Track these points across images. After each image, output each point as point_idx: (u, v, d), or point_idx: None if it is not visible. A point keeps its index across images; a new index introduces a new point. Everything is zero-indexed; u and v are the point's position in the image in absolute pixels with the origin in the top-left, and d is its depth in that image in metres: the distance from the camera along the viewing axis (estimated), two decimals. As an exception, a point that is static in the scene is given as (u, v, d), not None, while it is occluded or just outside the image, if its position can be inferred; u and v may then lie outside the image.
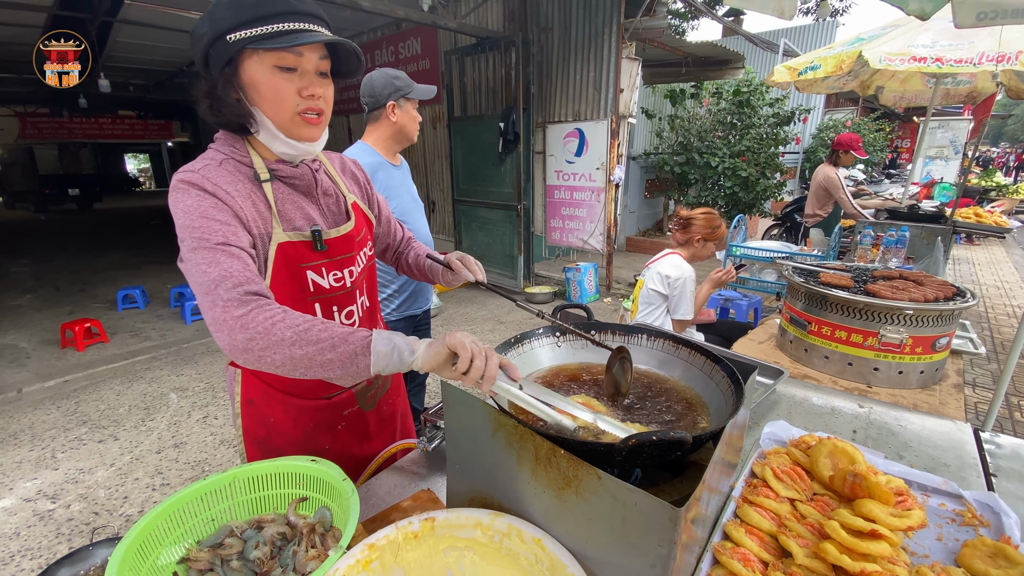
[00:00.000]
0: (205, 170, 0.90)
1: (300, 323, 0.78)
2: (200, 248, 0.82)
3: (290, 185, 1.01)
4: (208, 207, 0.86)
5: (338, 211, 1.10)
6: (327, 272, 1.02)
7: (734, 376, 0.85)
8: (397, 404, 1.36)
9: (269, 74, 0.88)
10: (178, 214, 0.86)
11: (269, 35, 0.85)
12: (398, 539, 0.74)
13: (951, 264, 7.24)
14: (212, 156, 0.94)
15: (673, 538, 0.59)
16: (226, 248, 0.83)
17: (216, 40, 0.86)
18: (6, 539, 2.41)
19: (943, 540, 0.90)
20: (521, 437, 0.73)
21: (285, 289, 0.97)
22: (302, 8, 0.88)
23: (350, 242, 1.07)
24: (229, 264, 0.81)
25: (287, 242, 0.96)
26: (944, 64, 3.42)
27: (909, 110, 10.07)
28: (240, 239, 0.86)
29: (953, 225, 3.74)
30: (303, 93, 0.91)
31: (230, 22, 0.84)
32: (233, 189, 0.91)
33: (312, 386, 1.10)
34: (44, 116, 15.82)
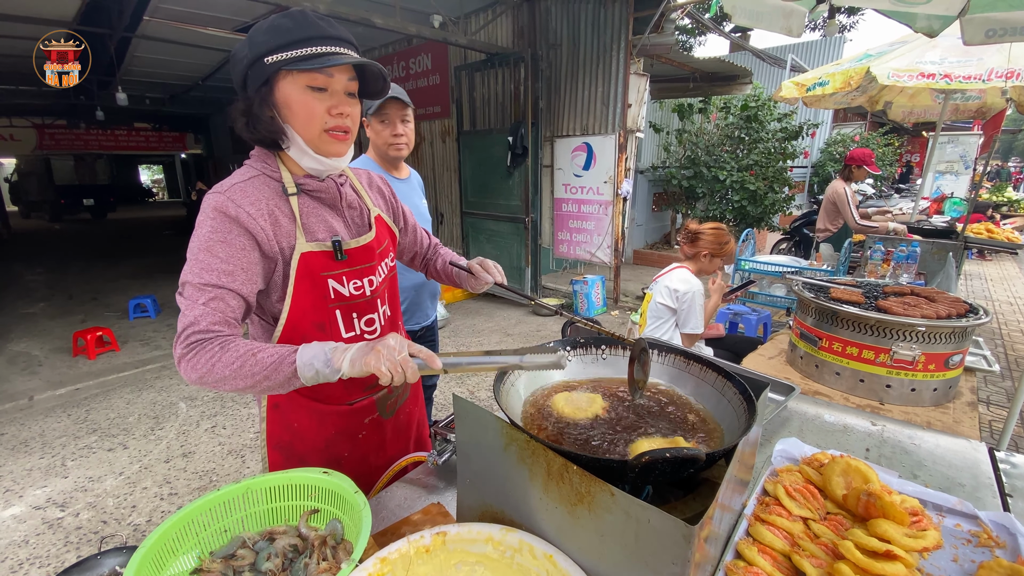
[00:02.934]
0: (232, 190, 0.97)
1: (234, 360, 0.86)
2: (189, 283, 0.92)
3: (316, 198, 1.07)
4: (218, 240, 0.93)
5: (361, 223, 1.16)
6: (348, 281, 1.08)
7: (746, 393, 0.85)
8: (414, 414, 1.39)
9: (301, 93, 0.96)
10: (194, 236, 0.95)
11: (302, 57, 0.92)
12: (410, 553, 0.74)
13: (963, 280, 7.16)
14: (245, 172, 1.03)
15: (687, 556, 0.59)
16: (206, 291, 0.91)
17: (255, 62, 0.94)
18: (15, 547, 2.42)
19: (959, 561, 0.89)
20: (533, 452, 0.73)
21: (308, 296, 1.03)
22: (333, 33, 0.96)
23: (370, 252, 1.12)
24: (199, 312, 0.90)
25: (309, 252, 1.02)
26: (953, 80, 3.43)
27: (918, 125, 10.05)
28: (233, 275, 0.93)
29: (965, 240, 3.71)
30: (332, 111, 0.98)
31: (268, 45, 0.93)
32: (255, 209, 0.97)
33: (334, 393, 1.13)
34: (61, 128, 16.14)
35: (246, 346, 0.88)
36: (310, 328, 1.06)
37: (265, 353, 0.87)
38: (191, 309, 0.90)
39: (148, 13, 5.94)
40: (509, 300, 6.58)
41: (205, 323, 0.89)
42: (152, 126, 18.26)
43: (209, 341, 0.88)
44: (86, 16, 6.20)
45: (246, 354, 0.86)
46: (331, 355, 0.86)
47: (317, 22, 0.95)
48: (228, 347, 0.87)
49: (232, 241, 0.94)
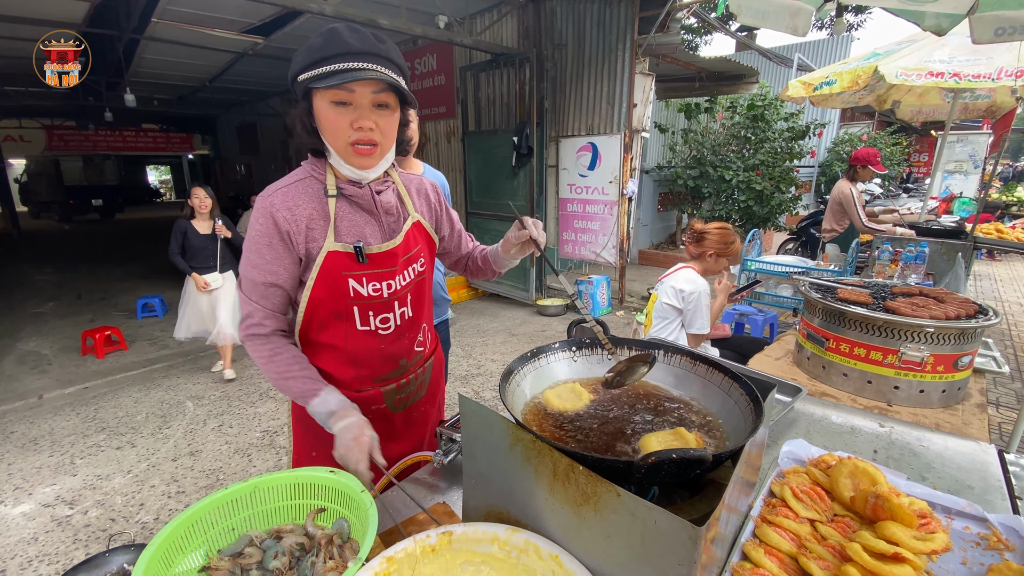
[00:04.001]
0: (276, 195, 1.09)
1: (275, 373, 1.11)
2: (244, 278, 1.11)
3: (353, 203, 1.14)
4: (264, 243, 1.08)
5: (396, 228, 1.21)
6: (367, 282, 1.14)
7: (753, 394, 0.85)
8: (430, 414, 1.42)
9: (328, 108, 1.03)
10: (248, 233, 1.11)
11: (325, 75, 0.98)
12: (416, 552, 0.74)
13: (972, 280, 7.10)
14: (297, 172, 1.14)
15: (693, 557, 0.59)
16: (258, 287, 1.10)
17: (293, 80, 1.03)
18: (24, 544, 2.45)
19: (967, 564, 0.88)
20: (539, 452, 0.73)
21: (328, 290, 1.12)
22: (357, 48, 1.00)
23: (393, 258, 1.17)
24: (253, 307, 1.11)
25: (334, 251, 1.11)
26: (962, 79, 3.40)
27: (927, 124, 9.97)
28: (276, 274, 1.10)
29: (974, 241, 3.68)
30: (353, 125, 1.03)
31: (302, 64, 1.01)
32: (291, 215, 1.09)
33: (344, 378, 1.21)
34: (70, 129, 16.30)
35: (287, 364, 1.10)
36: (328, 316, 1.16)
37: (295, 383, 1.10)
38: (247, 303, 1.11)
39: (156, 15, 5.99)
40: (514, 300, 6.58)
41: (259, 316, 1.10)
42: (160, 127, 18.42)
43: (264, 340, 1.11)
44: (95, 18, 6.25)
45: (283, 374, 1.10)
46: (329, 421, 1.08)
47: (346, 39, 0.99)
48: (275, 358, 1.10)
49: (275, 244, 1.08)
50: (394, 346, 1.23)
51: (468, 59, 6.66)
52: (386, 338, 1.21)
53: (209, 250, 4.16)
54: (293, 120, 1.09)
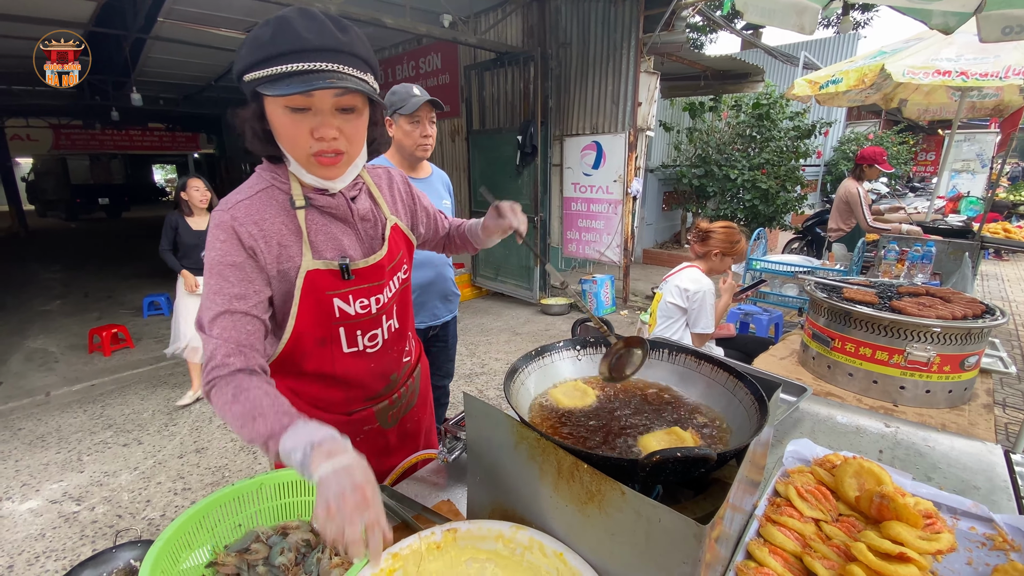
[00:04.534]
0: (237, 208, 0.94)
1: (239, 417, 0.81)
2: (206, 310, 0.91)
3: (325, 212, 1.01)
4: (227, 263, 0.92)
5: (375, 236, 1.10)
6: (354, 299, 1.03)
7: (758, 393, 0.85)
8: (423, 420, 1.36)
9: (281, 115, 0.88)
10: (206, 256, 0.95)
11: (275, 77, 0.83)
12: (421, 549, 0.75)
13: (979, 280, 7.05)
14: (254, 183, 0.99)
15: (697, 556, 0.59)
16: (221, 319, 0.90)
17: (239, 79, 0.88)
18: (32, 540, 2.47)
19: (973, 564, 0.88)
20: (544, 450, 0.74)
21: (311, 314, 1.00)
22: (316, 44, 0.83)
23: (380, 271, 1.07)
24: (213, 345, 0.88)
25: (315, 270, 0.98)
26: (969, 78, 3.38)
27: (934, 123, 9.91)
28: (245, 298, 0.92)
29: (981, 240, 3.65)
30: (314, 134, 0.89)
31: (247, 61, 0.85)
32: (257, 230, 0.94)
33: (335, 400, 1.12)
34: (77, 128, 16.37)
35: (253, 402, 0.82)
36: (312, 344, 1.04)
37: (261, 424, 0.79)
38: (207, 342, 0.89)
39: (162, 15, 6.02)
40: (517, 299, 6.58)
41: (220, 356, 0.87)
42: (166, 126, 18.49)
43: (224, 382, 0.85)
44: (101, 18, 6.29)
45: (248, 415, 0.81)
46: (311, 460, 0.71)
47: (299, 32, 0.83)
48: (239, 398, 0.83)
49: (241, 264, 0.92)
50: (383, 362, 1.15)
51: (473, 58, 6.67)
52: (374, 355, 1.12)
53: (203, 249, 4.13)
54: (242, 123, 0.94)
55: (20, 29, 6.35)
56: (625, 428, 0.89)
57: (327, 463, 0.70)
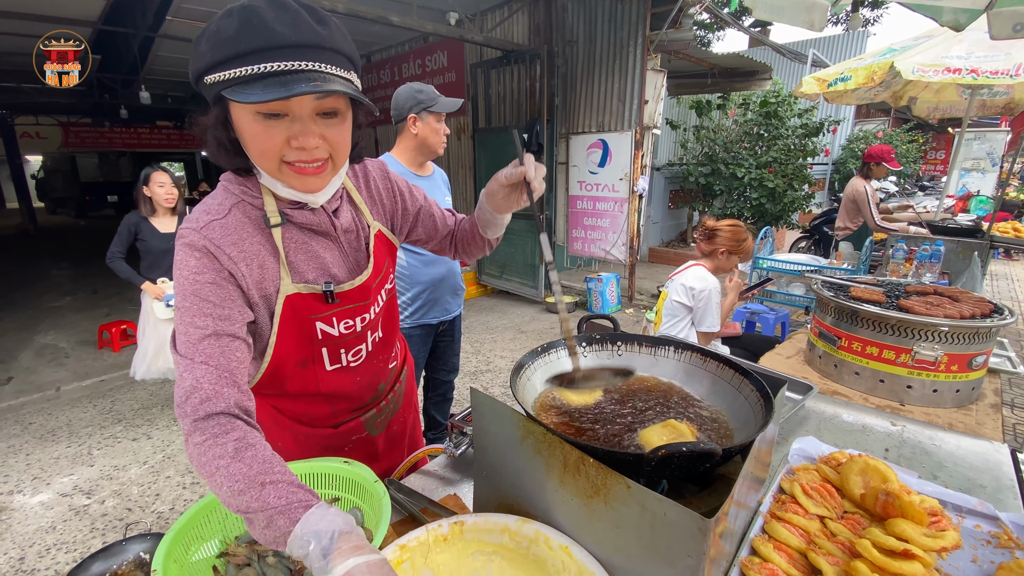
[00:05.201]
0: (210, 228, 0.83)
1: (237, 481, 0.67)
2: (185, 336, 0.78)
3: (304, 228, 0.92)
4: (205, 281, 0.80)
5: (358, 248, 1.01)
6: (338, 321, 0.96)
7: (763, 390, 0.85)
8: (407, 420, 1.33)
9: (252, 122, 0.76)
10: (176, 279, 0.82)
11: (244, 79, 0.71)
12: (428, 541, 0.76)
13: (989, 280, 6.99)
14: (222, 200, 0.87)
15: (702, 549, 0.60)
16: (206, 343, 0.77)
17: (197, 80, 0.76)
18: (43, 532, 2.51)
19: (978, 562, 0.88)
20: (550, 445, 0.74)
21: (292, 339, 0.93)
22: (291, 39, 0.72)
23: (366, 291, 0.99)
24: (200, 372, 0.74)
25: (296, 294, 0.90)
26: (980, 75, 3.35)
27: (943, 121, 9.82)
28: (231, 319, 0.81)
29: (990, 240, 3.62)
30: (293, 143, 0.78)
31: (207, 60, 0.72)
32: (238, 251, 0.84)
33: (320, 415, 1.08)
34: (86, 126, 16.51)
35: (260, 465, 0.68)
36: (293, 368, 0.97)
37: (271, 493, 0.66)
38: (189, 370, 0.74)
39: (171, 13, 6.06)
40: (522, 297, 6.58)
41: (208, 384, 0.73)
42: (173, 124, 18.61)
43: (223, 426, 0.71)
44: (110, 16, 6.34)
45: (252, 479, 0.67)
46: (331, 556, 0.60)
47: (270, 24, 0.71)
48: (243, 455, 0.69)
49: (221, 283, 0.81)
50: (368, 373, 1.09)
51: (479, 56, 6.67)
52: (359, 368, 1.05)
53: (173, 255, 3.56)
54: (202, 132, 0.82)
55: (30, 27, 6.40)
56: (633, 424, 0.90)
57: (356, 557, 0.59)
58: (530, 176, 0.95)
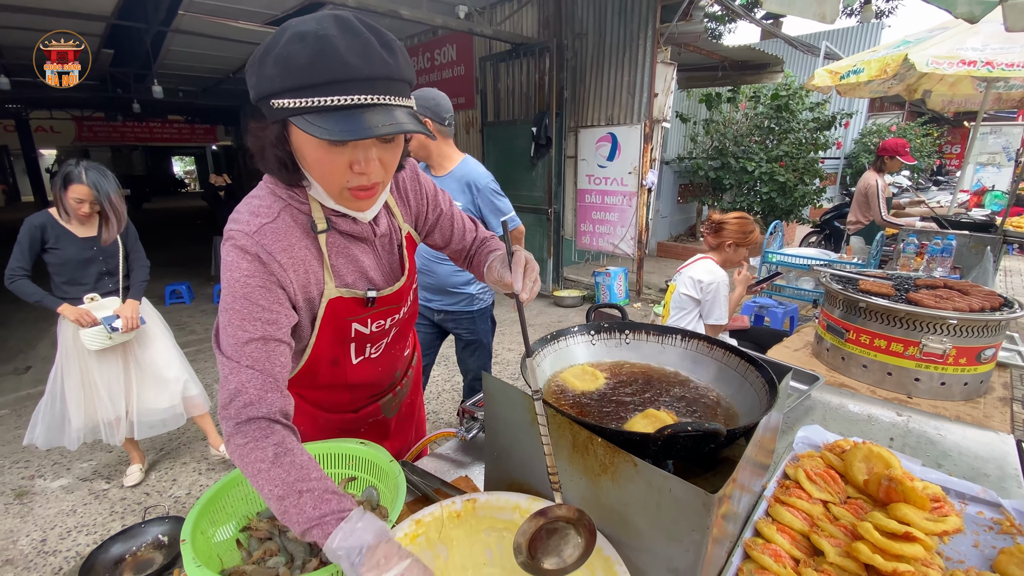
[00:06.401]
0: (261, 233, 0.84)
1: (276, 486, 0.70)
2: (232, 338, 0.80)
3: (344, 234, 0.96)
4: (256, 284, 0.82)
5: (391, 252, 1.05)
6: (371, 322, 1.02)
7: (768, 376, 0.87)
8: (415, 402, 1.40)
9: (316, 148, 0.78)
10: (225, 280, 0.83)
11: (316, 110, 0.72)
12: (442, 517, 0.79)
13: (1001, 275, 6.89)
14: (271, 203, 0.88)
15: (707, 524, 0.62)
16: (252, 346, 0.79)
17: (260, 100, 0.77)
18: (64, 515, 2.58)
19: (979, 547, 0.90)
20: (559, 426, 0.77)
21: (329, 339, 0.98)
22: (364, 72, 0.72)
23: (402, 295, 1.05)
24: (246, 377, 0.77)
25: (338, 298, 0.94)
26: (995, 68, 3.31)
27: (959, 114, 9.68)
28: (278, 323, 0.83)
29: (1003, 235, 3.59)
30: (355, 168, 0.80)
31: (276, 85, 0.73)
32: (288, 258, 0.86)
33: (340, 401, 1.13)
34: (99, 120, 16.69)
35: (298, 472, 0.71)
36: (325, 365, 1.02)
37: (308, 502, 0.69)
38: (235, 373, 0.77)
39: (183, 7, 6.11)
40: (531, 291, 6.60)
41: (254, 389, 0.76)
42: (185, 119, 18.77)
43: (262, 432, 0.74)
44: (122, 11, 6.41)
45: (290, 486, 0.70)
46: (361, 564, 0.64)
47: (344, 56, 0.71)
48: (282, 460, 0.72)
49: (270, 287, 0.83)
50: (387, 362, 1.15)
51: (488, 49, 6.67)
52: (379, 359, 1.11)
53: (99, 264, 2.58)
54: (259, 146, 0.84)
55: (43, 22, 6.48)
56: (637, 409, 0.92)
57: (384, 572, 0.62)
58: (517, 289, 0.91)
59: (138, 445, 2.86)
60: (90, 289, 2.55)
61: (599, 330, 1.13)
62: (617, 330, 1.13)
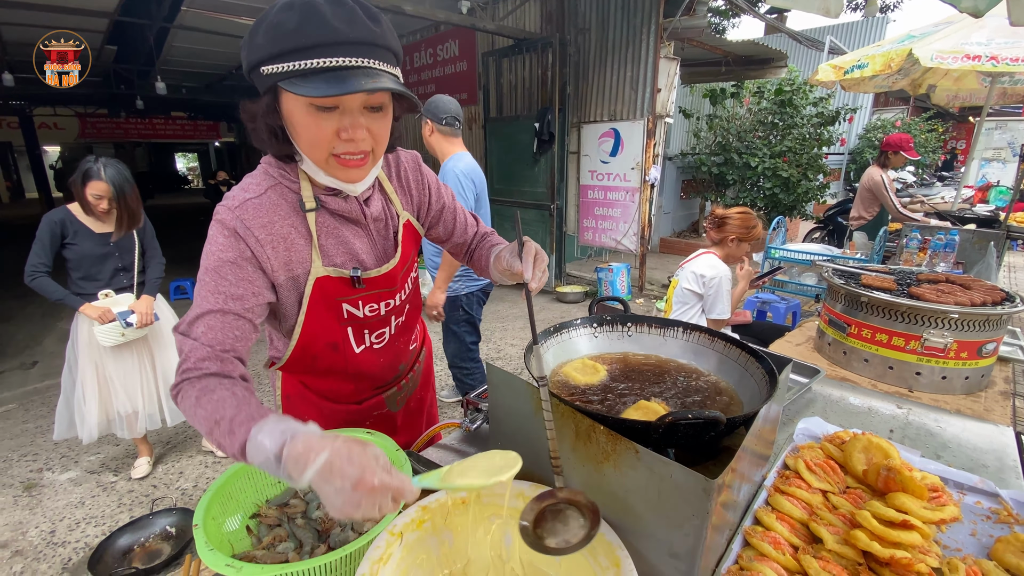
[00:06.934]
0: (244, 208, 0.87)
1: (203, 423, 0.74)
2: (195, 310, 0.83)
3: (335, 214, 0.96)
4: (227, 260, 0.85)
5: (387, 237, 1.06)
6: (363, 304, 1.02)
7: (768, 366, 0.88)
8: (425, 398, 1.40)
9: (304, 113, 0.80)
10: (204, 253, 0.87)
11: (303, 73, 0.75)
12: (448, 504, 0.80)
13: (1005, 271, 6.87)
14: (260, 181, 0.92)
15: (707, 509, 0.64)
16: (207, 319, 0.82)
17: (252, 69, 0.80)
18: (72, 507, 2.61)
19: (976, 536, 0.91)
20: (562, 414, 0.78)
21: (321, 318, 0.99)
22: (348, 36, 0.75)
23: (392, 278, 1.04)
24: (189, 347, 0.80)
25: (324, 277, 0.95)
26: (1000, 63, 3.29)
27: (964, 110, 9.61)
28: (242, 299, 0.85)
29: (1007, 230, 3.58)
30: (342, 135, 0.82)
31: (265, 52, 0.76)
32: (266, 234, 0.88)
33: (344, 392, 1.14)
34: (102, 117, 16.72)
35: (213, 407, 0.74)
36: (323, 348, 1.03)
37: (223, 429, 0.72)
38: (183, 343, 0.81)
39: (186, 3, 6.11)
40: (534, 287, 6.61)
41: (194, 359, 0.79)
42: (188, 115, 18.79)
43: (191, 384, 0.77)
44: (126, 7, 6.42)
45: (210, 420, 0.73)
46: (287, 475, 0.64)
47: (329, 20, 0.74)
48: (201, 401, 0.75)
49: (242, 264, 0.86)
50: (390, 354, 1.15)
51: (490, 44, 6.66)
52: (381, 350, 1.12)
53: (115, 260, 2.63)
54: (252, 119, 0.86)
55: (47, 18, 6.51)
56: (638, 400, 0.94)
57: (308, 471, 0.61)
58: (527, 278, 0.90)
59: (146, 438, 2.92)
60: (105, 285, 2.59)
61: (601, 323, 1.14)
62: (619, 323, 1.14)
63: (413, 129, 7.35)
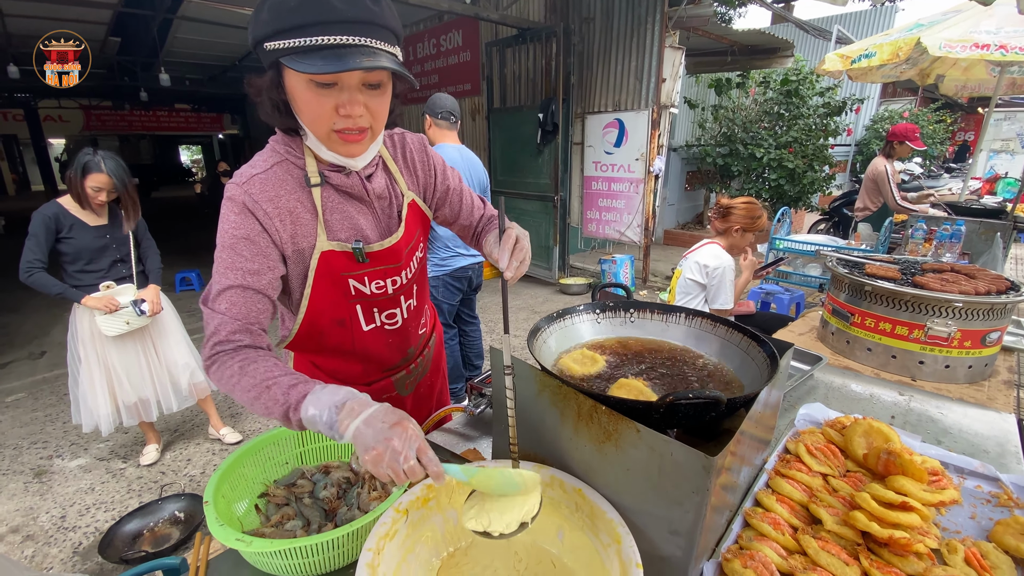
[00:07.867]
0: (251, 183, 0.91)
1: (250, 388, 0.80)
2: (216, 286, 0.88)
3: (340, 191, 0.99)
4: (240, 236, 0.89)
5: (391, 215, 1.08)
6: (369, 281, 1.04)
7: (769, 350, 0.89)
8: (435, 384, 1.40)
9: (304, 89, 0.83)
10: (219, 231, 0.91)
11: (302, 50, 0.78)
12: (452, 482, 0.82)
13: (1012, 263, 6.82)
14: (267, 157, 0.96)
15: (707, 486, 0.65)
16: (229, 294, 0.87)
17: (255, 46, 0.84)
18: (82, 493, 2.65)
19: (976, 519, 0.92)
20: (565, 396, 0.80)
21: (328, 295, 1.01)
22: (347, 14, 0.78)
23: (397, 254, 1.06)
24: (219, 321, 0.85)
25: (329, 251, 0.97)
26: (1009, 52, 3.25)
27: (973, 100, 9.51)
28: (259, 273, 0.89)
29: (1014, 221, 3.55)
30: (340, 111, 0.85)
31: (268, 28, 0.79)
32: (273, 207, 0.91)
33: (353, 373, 1.15)
34: (107, 109, 16.75)
35: (263, 373, 0.80)
36: (329, 324, 1.04)
37: (277, 391, 0.78)
38: (212, 317, 0.86)
39: (189, -6, 6.11)
40: (537, 279, 6.63)
41: (225, 332, 0.84)
42: (191, 107, 18.79)
43: (230, 356, 0.83)
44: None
45: (260, 385, 0.79)
46: (337, 422, 0.73)
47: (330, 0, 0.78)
48: (247, 370, 0.81)
49: (255, 239, 0.89)
50: (401, 337, 1.16)
51: (494, 34, 6.62)
52: (393, 332, 1.14)
53: (112, 251, 2.62)
54: (257, 93, 0.89)
55: (52, 10, 6.51)
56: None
57: (355, 420, 0.71)
58: (502, 267, 0.90)
59: (154, 426, 2.95)
60: (103, 276, 2.59)
61: (604, 309, 1.15)
62: (622, 309, 1.14)
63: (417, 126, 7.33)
